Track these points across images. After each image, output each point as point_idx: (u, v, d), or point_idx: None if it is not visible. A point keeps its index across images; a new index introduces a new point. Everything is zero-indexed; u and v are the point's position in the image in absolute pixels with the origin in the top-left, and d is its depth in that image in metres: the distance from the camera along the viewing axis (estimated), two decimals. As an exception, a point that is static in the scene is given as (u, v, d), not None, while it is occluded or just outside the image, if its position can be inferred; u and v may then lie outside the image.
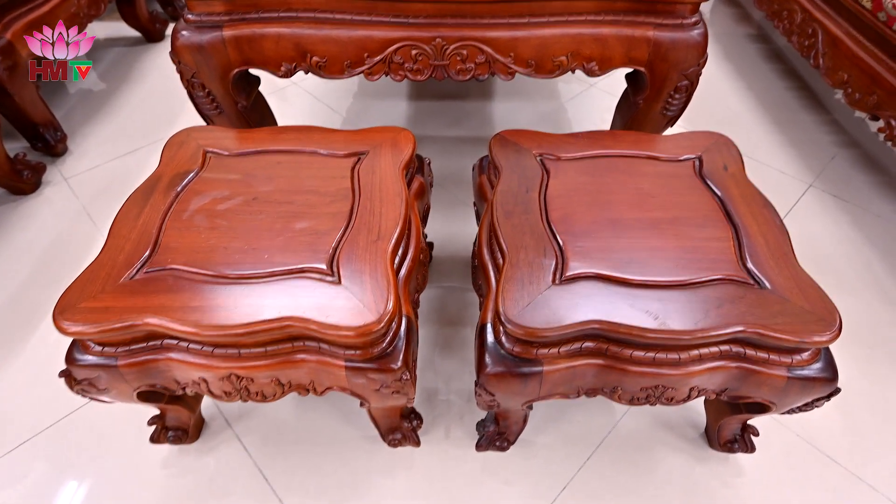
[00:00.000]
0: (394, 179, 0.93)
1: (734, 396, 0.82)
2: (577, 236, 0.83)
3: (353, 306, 0.74)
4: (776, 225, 0.85)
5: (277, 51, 1.13)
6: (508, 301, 0.74)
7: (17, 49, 1.53)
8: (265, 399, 0.83)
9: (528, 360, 0.77)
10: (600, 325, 0.72)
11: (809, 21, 1.60)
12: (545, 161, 0.97)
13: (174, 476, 1.00)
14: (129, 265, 0.80)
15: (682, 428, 1.07)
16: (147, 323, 0.73)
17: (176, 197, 0.90)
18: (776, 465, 1.02)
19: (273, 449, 1.04)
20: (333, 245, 0.82)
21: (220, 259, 0.80)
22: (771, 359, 0.75)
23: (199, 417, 1.05)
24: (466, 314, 1.26)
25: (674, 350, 0.75)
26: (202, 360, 0.77)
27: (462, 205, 1.51)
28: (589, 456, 1.03)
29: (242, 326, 0.72)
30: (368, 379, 0.78)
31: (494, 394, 0.80)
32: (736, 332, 0.72)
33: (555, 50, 1.11)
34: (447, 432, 1.07)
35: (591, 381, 0.80)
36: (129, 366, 0.78)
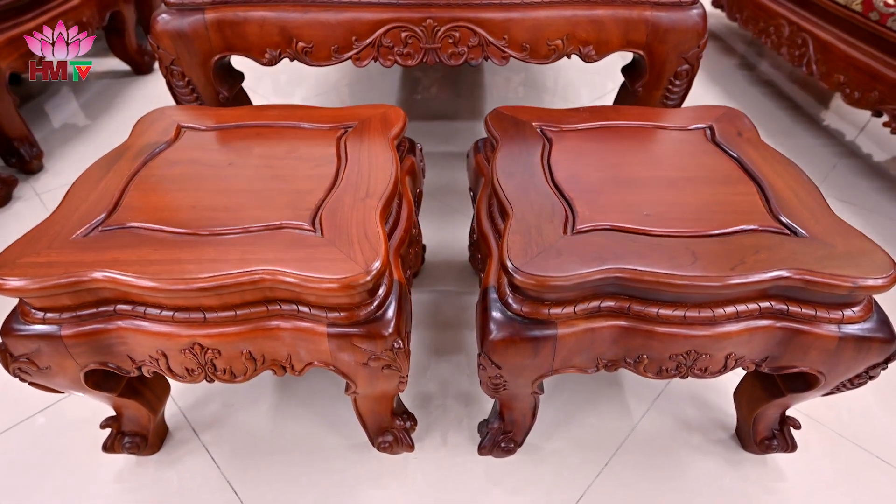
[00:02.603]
0: (383, 148, 0.85)
1: (776, 367, 0.71)
2: (587, 193, 0.75)
3: (337, 258, 0.64)
4: (804, 180, 0.78)
5: (262, 35, 1.08)
6: (515, 251, 0.65)
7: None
8: (234, 378, 0.71)
9: (539, 321, 0.67)
10: (622, 274, 0.63)
11: (798, 32, 1.61)
12: (546, 131, 0.90)
13: (129, 491, 0.86)
14: (82, 224, 0.70)
15: (709, 429, 0.95)
16: (95, 279, 0.63)
17: (144, 164, 0.82)
18: (820, 468, 0.90)
19: (245, 461, 0.90)
20: (316, 203, 0.73)
21: (188, 217, 0.71)
22: (818, 315, 0.66)
23: (161, 424, 0.91)
24: (463, 317, 1.16)
25: (707, 306, 0.65)
26: (161, 328, 0.66)
27: (454, 213, 1.43)
28: (607, 462, 0.90)
29: (207, 280, 0.62)
30: (354, 348, 0.67)
31: (501, 366, 0.69)
32: (778, 279, 0.62)
33: (550, 32, 1.08)
34: (444, 438, 0.94)
35: (611, 350, 0.69)
36: (76, 337, 0.66)
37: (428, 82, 2.17)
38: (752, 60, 2.31)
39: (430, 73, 2.23)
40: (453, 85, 2.15)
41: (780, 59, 2.28)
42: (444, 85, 2.15)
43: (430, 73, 2.23)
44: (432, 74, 2.22)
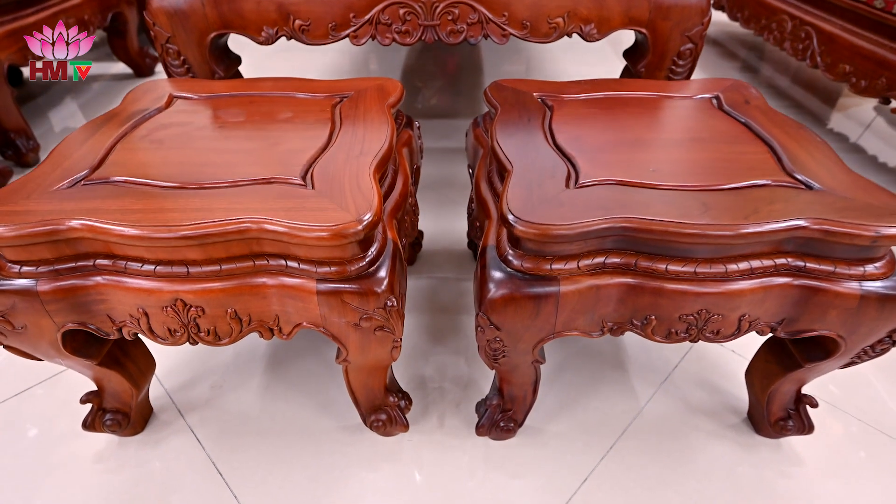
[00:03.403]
0: (379, 113, 0.83)
1: (793, 331, 0.67)
2: (589, 151, 0.72)
3: (328, 207, 0.61)
4: (818, 141, 0.75)
5: (259, 12, 1.06)
6: (515, 202, 0.62)
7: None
8: (218, 340, 0.67)
9: (540, 278, 0.63)
10: (628, 223, 0.59)
11: (801, 26, 1.60)
12: (547, 100, 0.88)
13: (109, 471, 0.81)
14: (64, 178, 0.67)
15: (720, 413, 0.91)
16: (74, 228, 0.59)
17: (134, 127, 0.79)
18: (840, 453, 0.85)
19: (233, 441, 0.85)
20: (309, 160, 0.70)
21: (175, 172, 0.68)
22: (837, 271, 0.62)
23: (144, 403, 0.87)
24: (461, 302, 1.12)
25: (719, 261, 0.62)
26: (142, 283, 0.62)
27: (452, 204, 1.41)
28: (612, 445, 0.86)
29: (191, 227, 0.58)
30: (345, 307, 0.64)
31: (500, 327, 0.66)
32: (795, 230, 0.59)
33: (550, 9, 1.06)
34: (441, 421, 0.89)
35: (617, 310, 0.66)
36: (53, 293, 0.63)
37: (427, 86, 2.16)
38: (754, 64, 2.31)
39: (429, 76, 2.23)
40: (452, 84, 2.14)
41: (782, 63, 2.28)
42: (443, 85, 2.15)
43: (429, 76, 2.23)
44: (431, 78, 2.22)
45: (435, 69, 2.27)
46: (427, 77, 2.20)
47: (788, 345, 0.76)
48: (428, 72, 2.24)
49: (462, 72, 2.24)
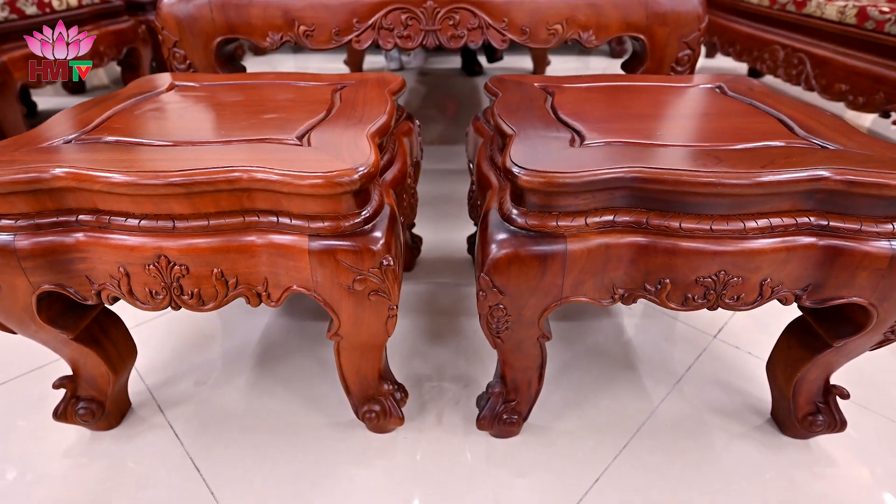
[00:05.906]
0: (379, 93, 0.82)
1: (820, 299, 0.62)
2: (594, 122, 0.70)
3: (324, 158, 0.58)
4: (828, 113, 0.73)
5: (265, 18, 1.08)
6: (519, 155, 0.59)
7: (10, 71, 1.52)
8: (202, 305, 0.63)
9: (546, 234, 0.59)
10: (639, 174, 0.56)
11: (793, 53, 1.63)
12: (548, 88, 0.87)
13: (78, 466, 0.74)
14: (55, 137, 0.65)
15: (741, 414, 0.84)
16: (57, 177, 0.56)
17: (134, 105, 0.78)
18: (875, 454, 0.78)
19: (213, 437, 0.79)
20: (306, 127, 0.68)
21: (169, 132, 0.67)
22: (864, 229, 0.58)
23: (122, 395, 0.81)
24: (460, 305, 1.07)
25: (736, 218, 0.58)
26: (125, 238, 0.59)
27: (451, 217, 1.39)
28: (626, 444, 0.79)
29: (178, 174, 0.56)
30: (338, 266, 0.60)
31: (504, 290, 0.61)
32: (817, 181, 0.56)
33: (549, 16, 1.08)
34: (439, 418, 0.83)
35: (629, 273, 0.61)
36: (31, 250, 0.59)
37: (429, 120, 2.20)
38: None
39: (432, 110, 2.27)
40: (453, 119, 2.18)
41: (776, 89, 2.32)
42: (443, 118, 2.18)
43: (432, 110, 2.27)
44: (433, 112, 2.26)
45: (436, 107, 2.33)
46: (429, 110, 2.24)
47: (813, 325, 0.71)
48: (430, 107, 2.29)
49: (461, 108, 2.29)
